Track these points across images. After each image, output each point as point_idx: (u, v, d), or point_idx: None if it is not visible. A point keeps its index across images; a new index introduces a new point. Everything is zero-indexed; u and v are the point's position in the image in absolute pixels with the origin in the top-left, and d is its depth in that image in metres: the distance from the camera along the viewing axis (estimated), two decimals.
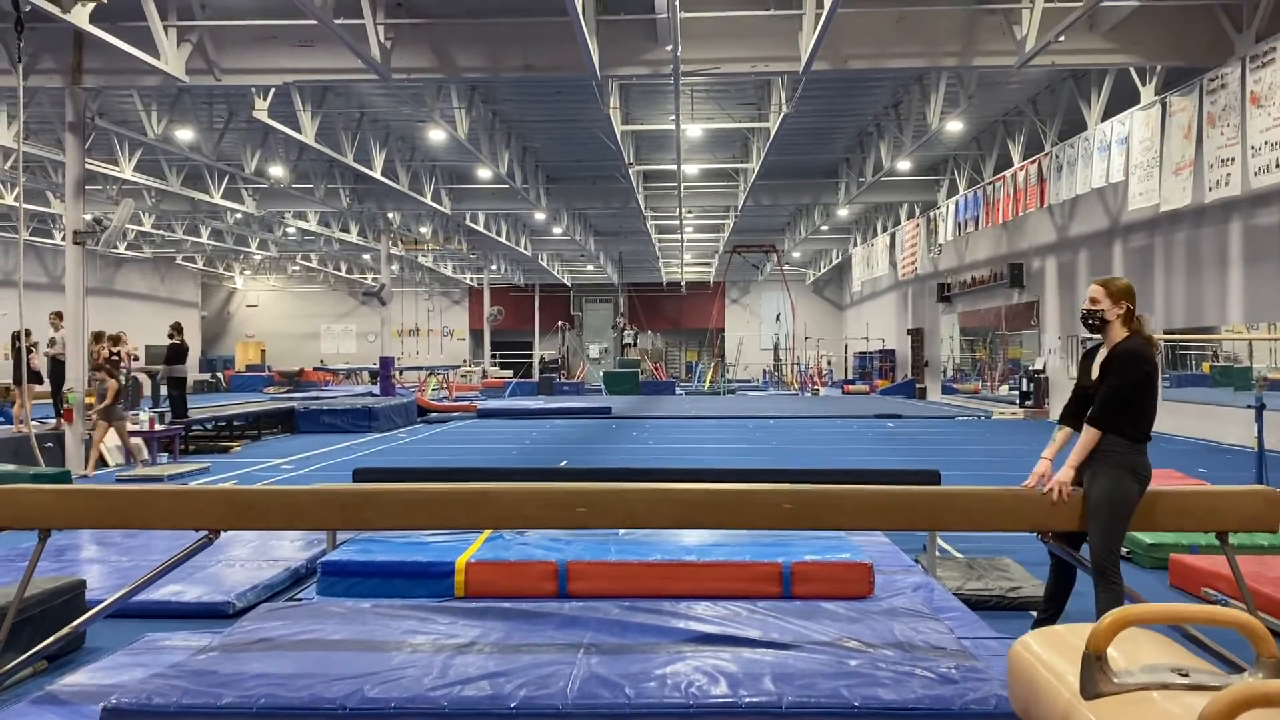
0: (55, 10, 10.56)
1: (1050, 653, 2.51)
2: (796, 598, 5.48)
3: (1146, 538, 6.96)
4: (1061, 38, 11.81)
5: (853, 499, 4.71)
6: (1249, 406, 8.69)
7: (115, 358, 14.64)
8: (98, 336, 14.76)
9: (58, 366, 13.94)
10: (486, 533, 6.34)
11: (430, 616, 4.83)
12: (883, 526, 5.69)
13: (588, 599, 5.38)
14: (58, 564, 6.69)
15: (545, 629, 4.65)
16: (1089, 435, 4.36)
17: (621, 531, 6.37)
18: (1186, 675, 2.26)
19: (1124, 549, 7.32)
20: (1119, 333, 4.42)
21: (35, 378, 14.51)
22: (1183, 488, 5.79)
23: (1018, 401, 23.45)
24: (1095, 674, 2.22)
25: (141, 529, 5.74)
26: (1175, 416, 16.67)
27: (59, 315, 14.16)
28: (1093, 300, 4.48)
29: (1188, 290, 16.75)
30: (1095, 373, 4.46)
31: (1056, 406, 21.60)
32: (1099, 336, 4.56)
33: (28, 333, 14.87)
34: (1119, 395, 4.31)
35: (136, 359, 15.92)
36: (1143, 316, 4.51)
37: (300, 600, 5.71)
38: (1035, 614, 4.98)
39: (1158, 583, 6.54)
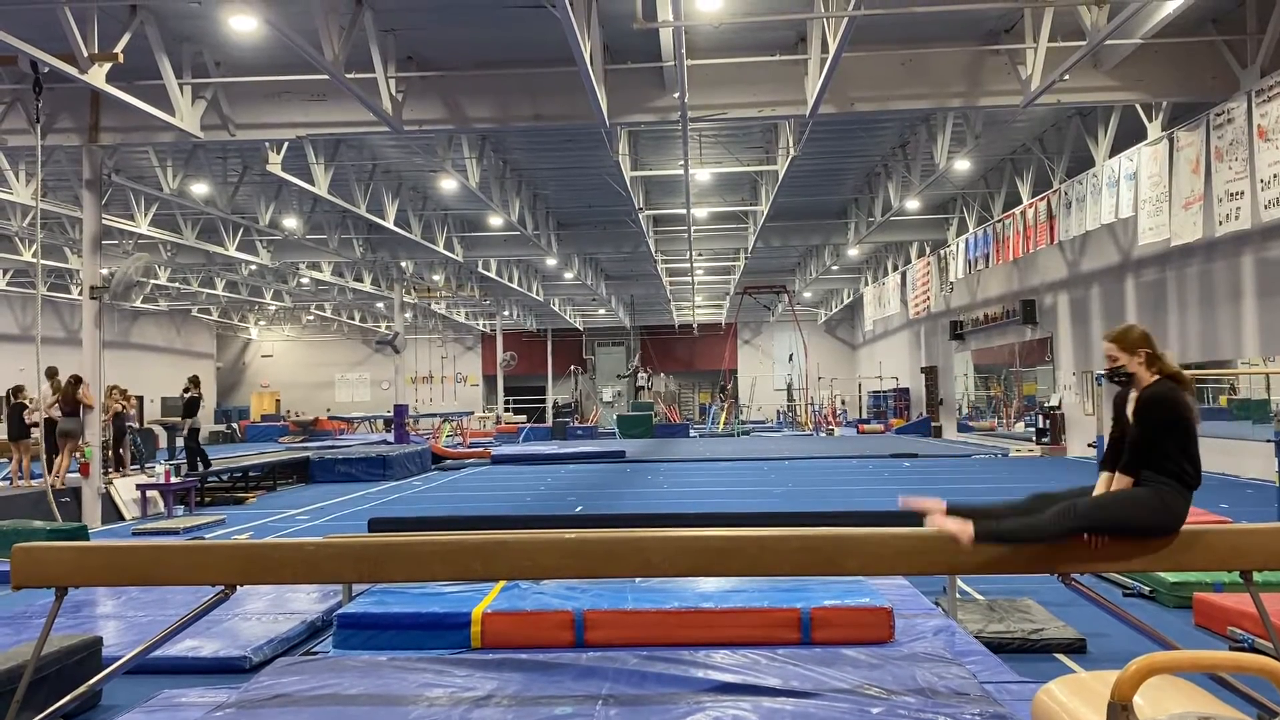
0: (72, 71, 10.74)
1: (1075, 701, 2.48)
2: (816, 644, 5.42)
3: (1170, 576, 6.87)
4: (1066, 76, 11.88)
5: (871, 543, 4.66)
6: (1269, 440, 8.61)
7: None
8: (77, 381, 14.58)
9: (48, 424, 13.97)
10: (502, 582, 6.31)
11: (447, 669, 4.80)
12: (902, 571, 5.63)
13: (605, 648, 5.33)
14: (74, 620, 6.68)
15: (563, 680, 4.61)
16: (1122, 484, 4.30)
17: (638, 578, 6.33)
18: None
19: (1147, 588, 7.25)
20: (1146, 378, 4.38)
21: (27, 431, 14.58)
22: (1205, 525, 5.72)
23: (1034, 439, 23.29)
24: None
25: (157, 586, 5.73)
26: None
27: (50, 372, 14.15)
28: (1110, 359, 4.44)
29: (1202, 324, 16.67)
30: (1130, 418, 4.40)
31: (1073, 443, 21.45)
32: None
33: (21, 388, 14.97)
34: (1148, 441, 4.26)
35: (122, 409, 15.88)
36: (1166, 354, 4.44)
37: (317, 654, 5.68)
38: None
39: (1182, 622, 6.44)
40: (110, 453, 14.85)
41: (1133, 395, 4.44)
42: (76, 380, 13.40)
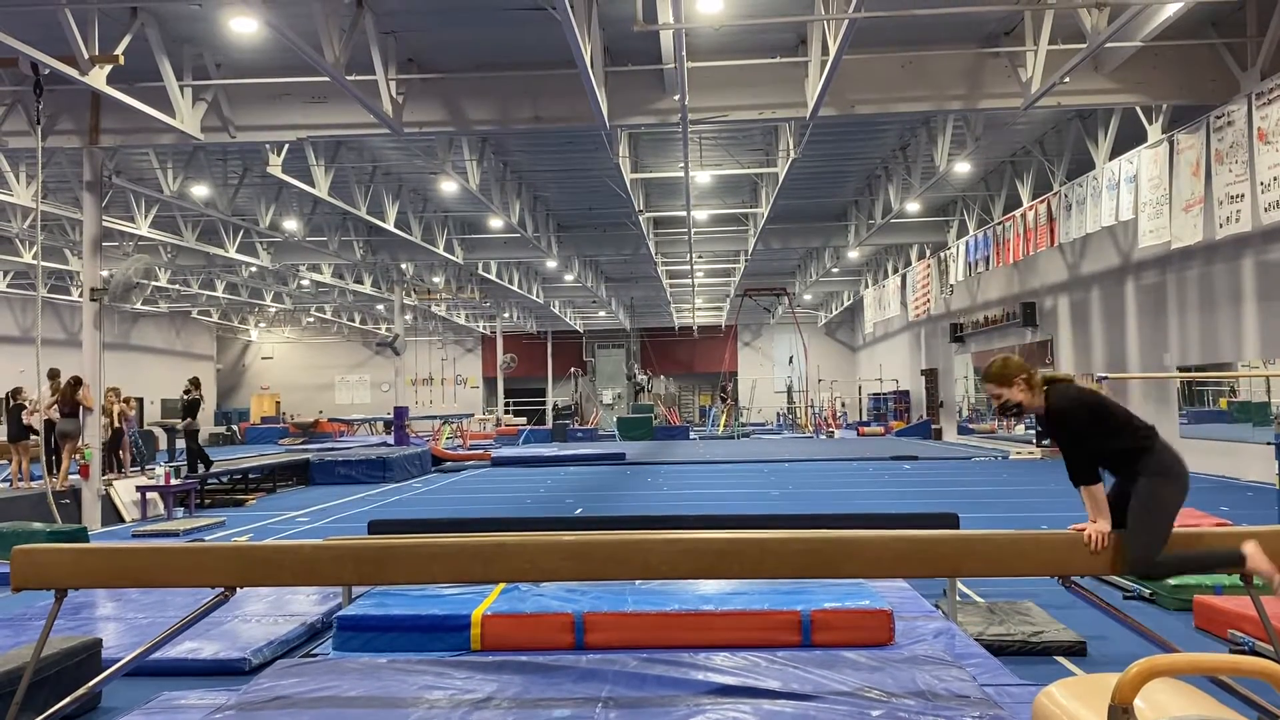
0: (73, 73, 10.74)
1: (1076, 703, 2.48)
2: (816, 646, 5.42)
3: (1170, 579, 6.86)
4: (1067, 79, 11.89)
5: (871, 546, 4.66)
6: (1269, 443, 8.61)
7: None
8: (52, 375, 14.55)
9: (48, 426, 13.98)
10: (502, 584, 6.30)
11: (446, 671, 4.80)
12: (902, 574, 5.63)
13: (605, 650, 5.33)
14: (74, 622, 6.68)
15: (563, 682, 4.61)
16: (1089, 494, 4.30)
17: (638, 580, 6.33)
18: None
19: (1147, 591, 7.24)
20: (1033, 400, 4.39)
21: (26, 433, 14.57)
22: (1205, 528, 5.72)
23: (1034, 441, 23.28)
24: None
25: (157, 587, 5.73)
26: (1194, 453, 16.46)
27: (52, 374, 14.17)
28: (995, 397, 4.45)
29: (1202, 327, 16.67)
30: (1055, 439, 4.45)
31: None
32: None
33: (20, 390, 14.98)
34: (1087, 447, 4.27)
35: (120, 411, 15.88)
36: (1035, 373, 4.42)
37: (316, 656, 5.68)
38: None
39: (1183, 625, 6.44)
40: (108, 455, 14.85)
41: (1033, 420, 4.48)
42: (76, 381, 13.41)
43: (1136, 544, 4.23)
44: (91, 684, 4.69)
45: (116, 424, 15.48)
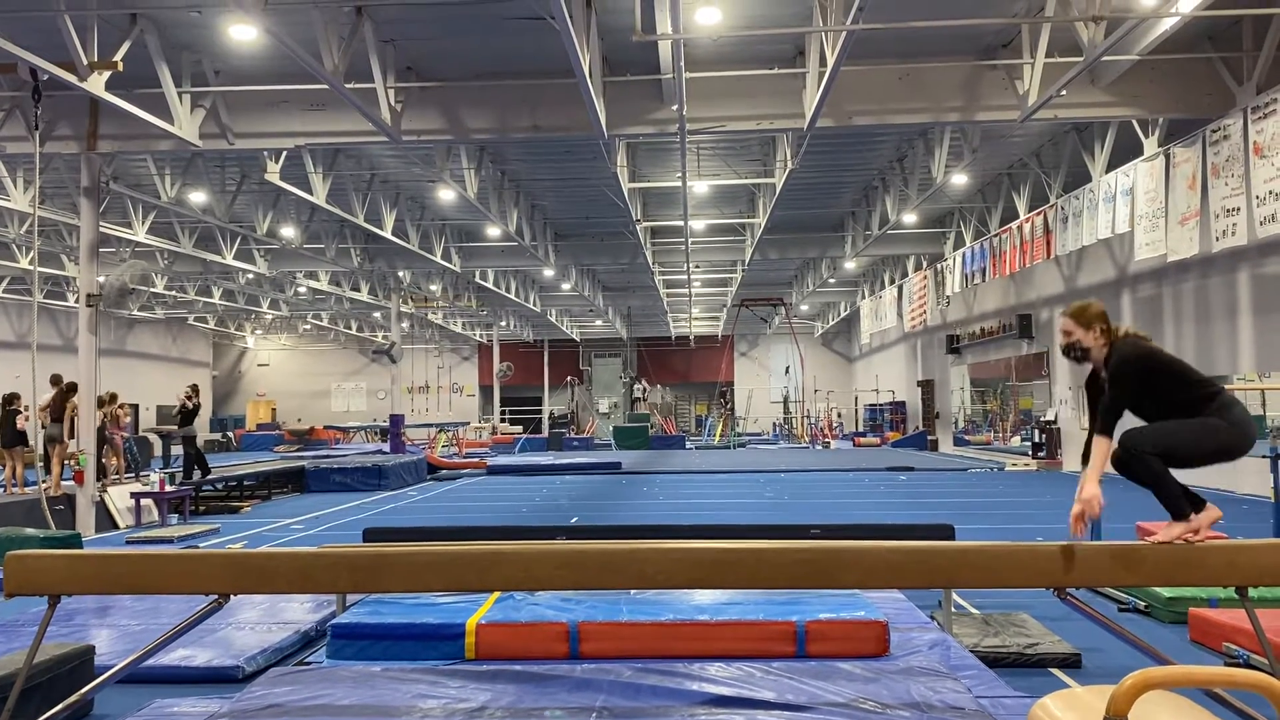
0: (72, 79, 10.75)
1: (1070, 716, 2.48)
2: (811, 657, 5.41)
3: (1165, 591, 6.87)
4: (1063, 92, 11.94)
5: (867, 557, 4.66)
6: (1264, 456, 8.61)
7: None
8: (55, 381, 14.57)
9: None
10: (497, 593, 6.29)
11: (440, 680, 4.78)
12: (897, 585, 5.63)
13: (600, 660, 5.32)
14: (67, 628, 6.65)
15: (557, 692, 4.60)
16: (1098, 446, 4.20)
17: (633, 590, 6.32)
18: None
19: (1142, 603, 7.23)
20: (1101, 354, 4.36)
21: (21, 439, 14.53)
22: (1200, 540, 5.71)
23: (1030, 453, 23.30)
24: None
25: (150, 594, 5.72)
26: None
27: (55, 380, 14.17)
28: (1066, 333, 4.42)
29: (1198, 339, 16.70)
30: (1110, 389, 4.36)
31: (1069, 457, 21.45)
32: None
33: (16, 396, 14.96)
34: (1154, 398, 4.20)
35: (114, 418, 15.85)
36: (1114, 325, 4.38)
37: (310, 664, 5.66)
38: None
39: (1178, 638, 6.44)
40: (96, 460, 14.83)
41: (1101, 374, 4.38)
42: (70, 387, 13.38)
43: (1150, 430, 4.16)
44: (84, 691, 4.67)
45: (108, 430, 15.44)
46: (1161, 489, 4.26)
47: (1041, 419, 23.23)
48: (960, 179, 19.27)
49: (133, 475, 16.37)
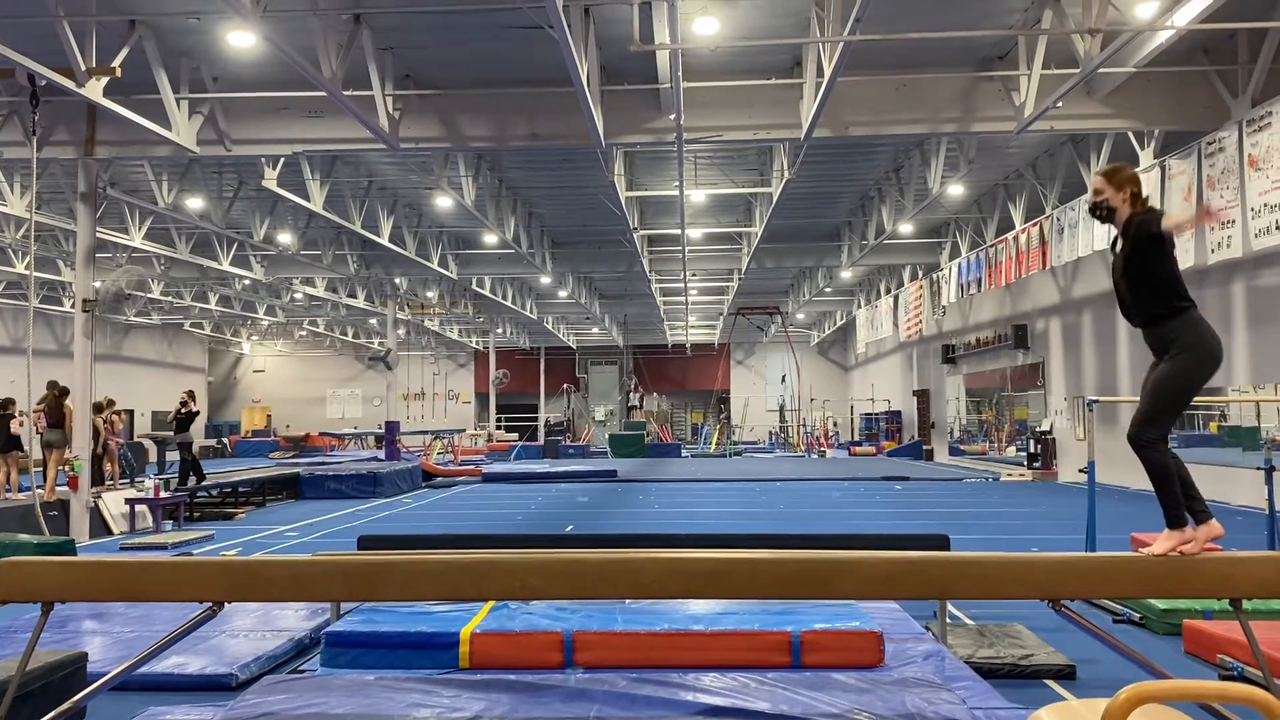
0: (70, 85, 10.76)
1: None
2: (806, 667, 5.41)
3: (1160, 603, 6.88)
4: (1059, 104, 11.98)
5: (862, 567, 4.65)
6: (1258, 468, 8.63)
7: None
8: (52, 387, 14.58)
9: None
10: (491, 602, 6.28)
11: (434, 689, 4.77)
12: (893, 595, 5.62)
13: (595, 670, 5.31)
14: (60, 635, 6.63)
15: (552, 702, 4.59)
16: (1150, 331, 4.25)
17: (628, 599, 6.31)
18: None
19: (1137, 614, 7.24)
20: (1124, 215, 4.37)
21: (15, 444, 14.50)
22: (1194, 553, 5.72)
23: (1025, 463, 23.32)
24: None
25: (144, 601, 5.70)
26: None
27: (52, 386, 14.15)
28: (1096, 191, 4.43)
29: None
30: (1125, 253, 4.37)
31: (1065, 467, 21.46)
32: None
33: (11, 401, 14.93)
34: (1149, 267, 4.21)
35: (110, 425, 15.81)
36: (1145, 195, 4.41)
37: (304, 672, 5.65)
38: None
39: (1172, 649, 6.44)
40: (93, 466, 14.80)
41: (1118, 243, 4.39)
42: (64, 391, 13.34)
43: (1141, 410, 4.21)
44: (76, 698, 4.65)
45: (104, 435, 15.41)
46: (1162, 490, 4.29)
47: (1037, 429, 23.25)
48: (956, 189, 19.31)
49: (127, 481, 16.32)
